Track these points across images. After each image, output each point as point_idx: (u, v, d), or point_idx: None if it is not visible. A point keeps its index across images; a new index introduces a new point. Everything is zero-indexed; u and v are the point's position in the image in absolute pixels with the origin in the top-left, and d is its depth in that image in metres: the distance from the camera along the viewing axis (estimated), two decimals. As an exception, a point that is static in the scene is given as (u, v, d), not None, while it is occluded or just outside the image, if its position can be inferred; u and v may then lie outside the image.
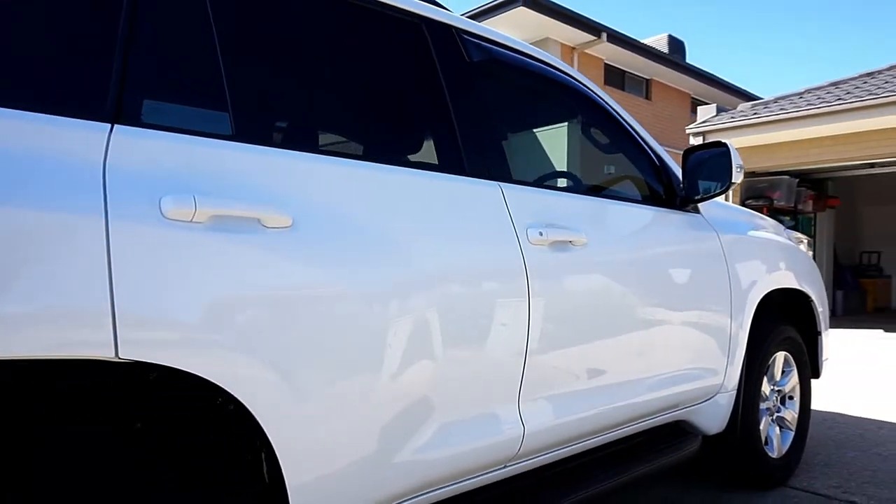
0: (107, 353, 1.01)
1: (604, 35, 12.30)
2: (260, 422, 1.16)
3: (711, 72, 15.94)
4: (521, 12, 11.09)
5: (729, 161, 2.24)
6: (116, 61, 1.15)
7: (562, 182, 2.90)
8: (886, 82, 8.04)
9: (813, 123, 8.16)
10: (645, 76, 14.88)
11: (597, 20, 12.17)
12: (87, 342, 1.00)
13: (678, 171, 2.40)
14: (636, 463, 2.14)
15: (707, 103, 17.33)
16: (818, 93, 8.71)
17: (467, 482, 1.64)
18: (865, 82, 8.43)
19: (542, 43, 12.41)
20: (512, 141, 2.60)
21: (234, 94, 1.31)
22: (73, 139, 1.07)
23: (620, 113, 2.36)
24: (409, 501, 1.49)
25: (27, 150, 1.01)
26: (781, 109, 8.41)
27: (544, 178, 2.36)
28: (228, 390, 1.13)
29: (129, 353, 1.03)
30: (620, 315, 1.99)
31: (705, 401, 2.44)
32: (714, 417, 2.48)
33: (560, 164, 3.29)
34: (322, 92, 1.67)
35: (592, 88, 2.33)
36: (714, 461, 2.66)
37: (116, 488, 1.13)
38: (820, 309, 3.05)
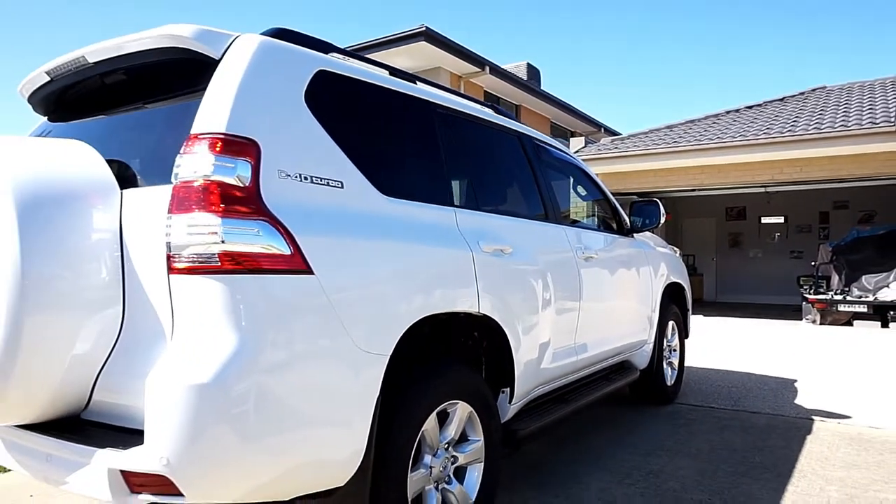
0: (474, 310, 2.35)
1: (487, 68, 14.21)
2: (505, 330, 2.51)
3: (566, 101, 18.65)
4: (422, 46, 12.61)
5: (659, 210, 3.95)
6: (450, 180, 2.48)
7: (585, 221, 4.38)
8: (703, 132, 10.73)
9: (651, 160, 10.64)
10: (515, 102, 17.11)
11: (482, 55, 14.05)
12: (470, 305, 2.33)
13: (625, 214, 4.07)
14: (612, 382, 3.74)
15: (562, 127, 20.16)
16: (658, 133, 11.27)
17: (551, 385, 3.10)
18: (690, 129, 11.11)
19: (434, 71, 14.00)
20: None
21: (480, 192, 2.67)
22: (446, 216, 2.38)
23: (597, 180, 3.97)
24: (539, 388, 2.93)
25: (435, 221, 2.32)
26: (634, 145, 10.81)
27: (576, 222, 3.87)
28: (494, 317, 2.46)
29: (481, 311, 2.37)
30: (611, 292, 3.59)
31: (639, 349, 4.13)
32: (643, 359, 4.20)
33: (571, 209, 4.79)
34: (493, 177, 3.04)
35: (585, 167, 3.90)
36: (641, 386, 4.38)
37: (468, 360, 2.43)
38: (688, 295, 4.95)
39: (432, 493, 2.22)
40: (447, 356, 2.52)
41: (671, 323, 4.69)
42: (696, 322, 10.19)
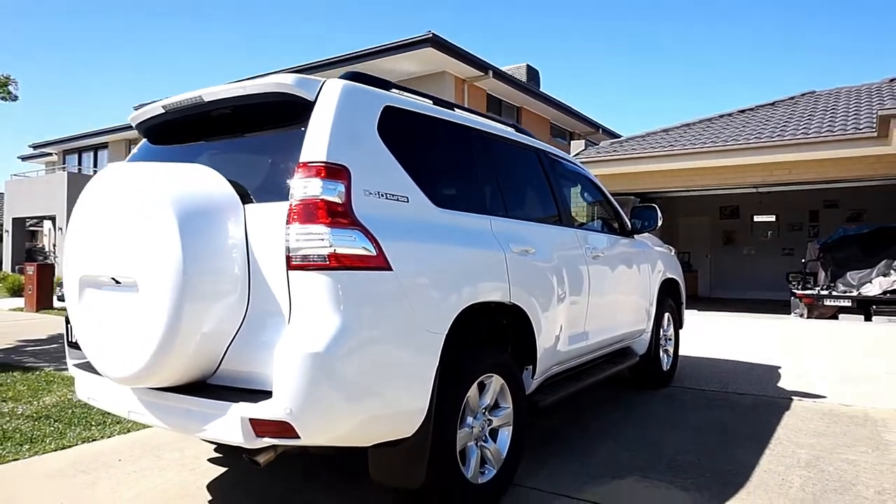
0: (506, 300, 2.86)
1: (490, 72, 14.72)
2: (529, 315, 3.03)
3: (566, 102, 19.17)
4: (429, 52, 13.09)
5: (656, 214, 4.47)
6: (484, 191, 2.99)
7: (591, 224, 4.88)
8: (698, 135, 11.26)
9: (648, 162, 11.17)
10: (516, 104, 17.62)
11: (486, 60, 14.55)
12: (503, 296, 2.84)
13: (627, 216, 4.59)
14: (615, 365, 4.26)
15: (562, 128, 20.67)
16: (655, 137, 11.81)
17: (566, 365, 3.62)
18: (685, 132, 11.65)
19: (440, 75, 14.50)
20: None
21: (508, 201, 3.19)
22: (483, 222, 2.89)
23: (601, 186, 4.49)
24: (556, 367, 3.45)
25: (475, 227, 2.83)
26: (632, 149, 11.34)
27: (584, 224, 4.39)
28: (521, 306, 2.98)
29: (512, 300, 2.88)
30: (615, 287, 4.11)
31: (638, 337, 4.66)
32: (642, 346, 4.72)
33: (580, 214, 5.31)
34: (517, 188, 3.55)
35: (591, 176, 4.42)
36: (640, 371, 4.91)
37: (500, 344, 2.94)
38: (682, 290, 5.48)
39: (473, 448, 2.74)
40: (485, 339, 3.02)
41: (667, 314, 5.22)
42: (691, 316, 10.73)
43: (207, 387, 2.31)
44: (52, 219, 23.68)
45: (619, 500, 2.87)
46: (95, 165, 25.00)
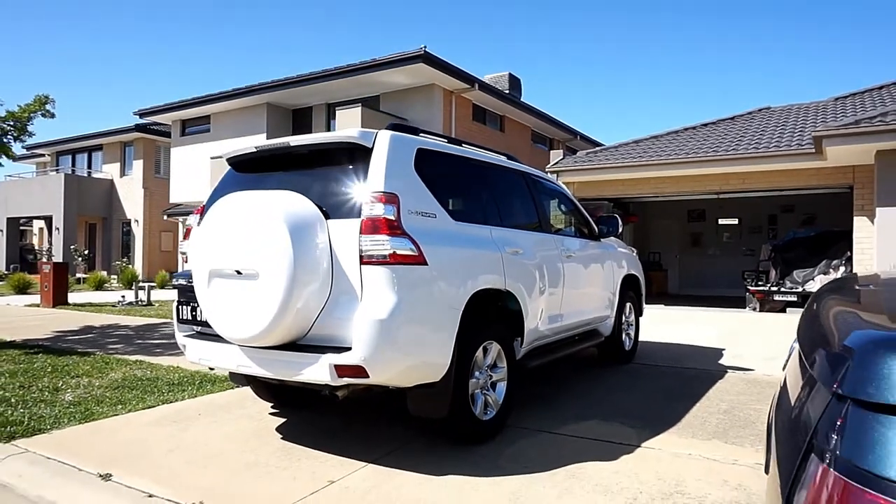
0: (502, 287, 3.93)
1: (476, 85, 15.82)
2: (518, 300, 4.10)
3: (545, 111, 20.36)
4: (420, 67, 14.15)
5: (618, 222, 5.59)
6: (486, 207, 4.07)
7: (566, 230, 5.96)
8: (664, 147, 12.47)
9: (619, 172, 12.34)
10: (500, 113, 18.75)
11: (472, 73, 15.65)
12: (497, 283, 3.90)
13: (593, 223, 5.69)
14: (584, 342, 5.37)
15: (542, 134, 21.85)
16: (626, 148, 13.00)
17: (545, 340, 4.70)
18: (653, 144, 12.86)
19: (429, 87, 15.56)
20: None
21: (502, 213, 4.26)
22: (486, 230, 3.96)
23: (573, 199, 5.59)
24: (538, 341, 4.53)
25: (480, 234, 3.90)
26: (606, 159, 12.51)
27: (560, 230, 5.46)
28: (513, 292, 4.04)
29: (506, 288, 3.95)
30: (584, 280, 5.22)
31: (604, 321, 5.77)
32: (607, 328, 5.84)
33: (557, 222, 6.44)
34: (509, 204, 4.61)
35: (565, 190, 5.52)
36: (605, 349, 6.02)
37: (498, 320, 3.99)
38: (642, 284, 6.62)
39: (479, 395, 3.80)
40: (488, 316, 4.05)
41: (628, 304, 6.34)
42: (659, 310, 11.95)
43: (299, 346, 3.35)
44: (48, 219, 24.26)
45: (583, 433, 3.96)
46: (89, 167, 25.60)
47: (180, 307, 3.94)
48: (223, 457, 3.66)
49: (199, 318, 3.81)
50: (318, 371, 3.18)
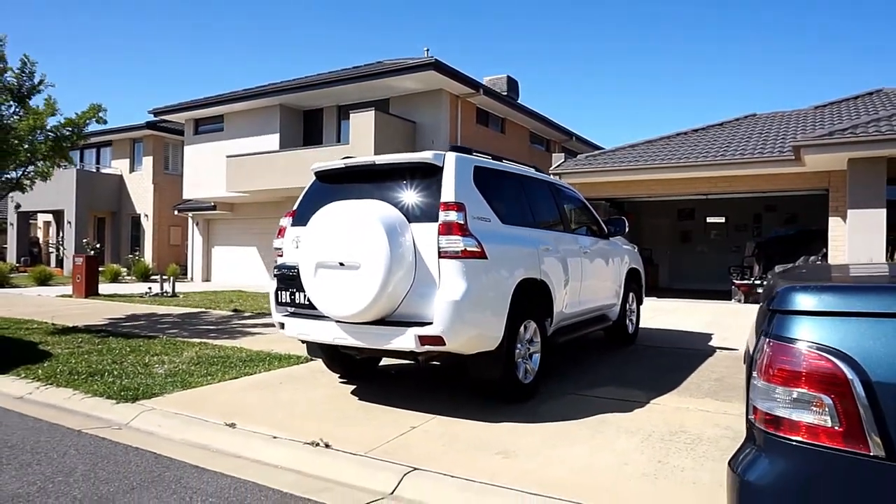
0: (538, 277, 4.89)
1: (480, 90, 16.74)
2: (550, 287, 5.05)
3: (544, 113, 21.34)
4: (430, 74, 15.05)
5: (625, 222, 6.59)
6: (525, 211, 5.02)
7: (581, 230, 6.89)
8: (657, 152, 13.48)
9: (615, 174, 13.34)
10: (501, 116, 19.69)
11: (477, 79, 16.57)
12: (535, 274, 4.86)
13: (603, 223, 6.67)
14: (597, 324, 6.35)
15: (540, 136, 22.82)
16: (623, 152, 14.00)
17: (568, 321, 5.67)
18: (648, 148, 13.87)
19: (437, 92, 16.43)
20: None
21: (536, 217, 5.21)
22: (526, 231, 4.91)
23: (587, 204, 6.56)
24: (563, 322, 5.49)
25: (522, 234, 4.85)
26: (604, 163, 13.50)
27: (577, 230, 6.41)
28: (546, 281, 5.00)
29: (542, 277, 4.91)
30: (597, 273, 6.20)
31: (611, 308, 6.76)
32: (614, 314, 6.83)
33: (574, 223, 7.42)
34: (539, 208, 5.55)
35: (580, 196, 6.49)
36: (613, 333, 7.02)
37: (534, 303, 4.94)
38: (643, 276, 7.62)
39: (521, 363, 4.74)
40: (527, 300, 4.96)
41: (631, 294, 7.33)
42: (653, 302, 12.98)
43: (388, 322, 4.28)
44: (59, 213, 24.88)
45: (602, 395, 4.94)
46: (98, 162, 26.22)
47: (279, 292, 4.85)
48: (317, 412, 4.59)
49: (296, 301, 4.73)
50: (405, 340, 4.11)
